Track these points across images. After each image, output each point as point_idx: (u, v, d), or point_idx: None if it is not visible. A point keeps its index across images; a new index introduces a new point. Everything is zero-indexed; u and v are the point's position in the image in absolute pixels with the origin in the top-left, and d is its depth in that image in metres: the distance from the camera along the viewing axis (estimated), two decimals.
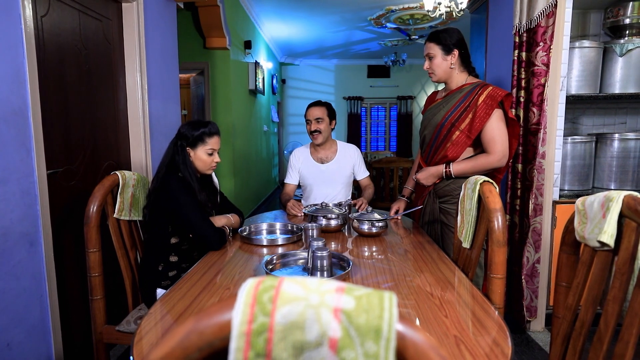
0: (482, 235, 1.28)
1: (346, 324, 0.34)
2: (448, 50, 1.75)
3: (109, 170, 2.08)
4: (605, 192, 0.93)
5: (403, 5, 5.16)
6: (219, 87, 4.36)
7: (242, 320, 0.35)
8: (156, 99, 2.43)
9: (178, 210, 1.45)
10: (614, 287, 0.90)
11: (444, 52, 1.76)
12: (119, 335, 1.47)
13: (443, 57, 1.76)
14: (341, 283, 0.37)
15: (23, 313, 1.44)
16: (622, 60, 2.26)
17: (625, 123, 2.58)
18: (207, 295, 1.05)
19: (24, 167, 1.45)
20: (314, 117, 2.20)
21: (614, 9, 2.30)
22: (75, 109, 1.84)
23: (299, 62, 8.81)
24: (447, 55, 1.76)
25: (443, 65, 1.77)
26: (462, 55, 1.77)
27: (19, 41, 1.43)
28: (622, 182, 2.29)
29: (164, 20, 2.55)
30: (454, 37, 1.75)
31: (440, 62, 1.77)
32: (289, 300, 0.35)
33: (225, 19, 4.05)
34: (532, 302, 2.16)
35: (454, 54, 1.75)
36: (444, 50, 1.75)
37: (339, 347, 0.34)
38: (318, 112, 2.21)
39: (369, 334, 0.34)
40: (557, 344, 1.06)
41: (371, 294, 0.36)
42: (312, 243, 1.23)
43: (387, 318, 0.34)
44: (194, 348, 0.36)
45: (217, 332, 0.36)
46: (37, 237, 1.51)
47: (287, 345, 0.35)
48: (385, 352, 0.34)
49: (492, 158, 1.69)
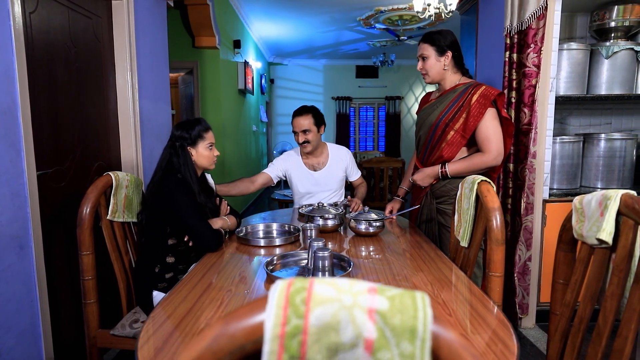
0: (480, 234, 1.30)
1: (381, 324, 0.34)
2: (442, 52, 1.76)
3: (100, 171, 2.04)
4: (602, 190, 0.95)
5: (392, 6, 5.20)
6: (208, 86, 4.31)
7: (275, 322, 0.34)
8: (147, 99, 2.39)
9: (176, 212, 1.43)
10: (612, 284, 0.92)
11: (437, 53, 1.77)
12: (113, 340, 1.44)
13: (436, 58, 1.78)
14: (372, 284, 0.37)
15: (13, 318, 1.40)
16: (608, 62, 2.32)
17: (611, 123, 2.65)
18: (209, 298, 1.04)
19: (14, 168, 1.40)
20: (301, 129, 2.10)
21: (600, 12, 2.36)
22: (65, 109, 1.80)
23: (288, 62, 8.79)
24: (441, 56, 1.77)
25: (436, 66, 1.78)
26: (456, 57, 1.78)
27: (7, 38, 1.38)
28: (608, 181, 2.35)
29: (154, 18, 2.51)
30: (448, 38, 1.77)
31: (434, 63, 1.78)
32: (322, 302, 0.35)
33: (215, 17, 4.01)
34: (523, 299, 2.20)
35: (447, 56, 1.76)
36: (438, 51, 1.77)
37: (375, 348, 0.34)
38: (304, 122, 2.09)
39: (405, 335, 0.34)
40: (556, 340, 1.08)
41: (403, 294, 0.36)
42: (313, 243, 1.22)
43: (422, 318, 0.34)
44: (224, 352, 0.36)
45: (249, 335, 0.35)
46: (27, 240, 1.47)
47: (321, 348, 0.34)
48: (421, 353, 0.34)
49: (487, 157, 1.70)
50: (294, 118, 2.15)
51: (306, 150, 2.16)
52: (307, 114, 2.11)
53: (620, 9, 2.28)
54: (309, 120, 2.10)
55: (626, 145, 2.31)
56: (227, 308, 0.98)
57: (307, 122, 2.10)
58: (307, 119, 2.10)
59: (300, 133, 2.11)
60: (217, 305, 1.00)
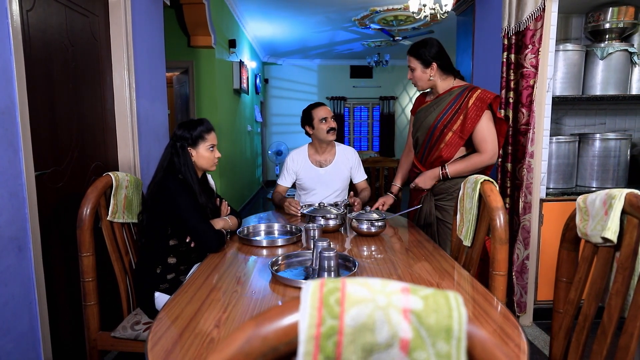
0: (483, 233, 1.31)
1: (416, 324, 0.34)
2: (427, 64, 1.84)
3: (97, 171, 2.01)
4: (606, 190, 0.96)
5: (388, 6, 5.22)
6: (204, 86, 4.29)
7: (310, 323, 0.34)
8: (144, 98, 2.37)
9: (177, 212, 1.42)
10: (616, 282, 0.93)
11: (423, 65, 1.85)
12: (114, 342, 1.43)
13: (422, 70, 1.85)
14: (403, 283, 0.37)
15: (11, 321, 1.38)
16: (603, 63, 2.35)
17: (605, 123, 2.69)
18: (215, 299, 1.03)
19: (12, 169, 1.38)
20: (330, 115, 2.23)
21: (594, 13, 2.39)
22: (63, 108, 1.77)
23: (282, 62, 8.77)
24: (426, 68, 1.85)
25: (423, 77, 1.87)
26: (442, 65, 1.85)
27: (5, 36, 1.36)
28: (603, 180, 2.38)
29: (150, 17, 2.49)
30: (432, 50, 1.83)
31: (421, 74, 1.86)
32: (356, 302, 0.35)
33: (211, 16, 3.99)
34: (521, 297, 2.22)
35: (433, 67, 1.84)
36: (423, 64, 1.84)
37: (411, 348, 0.34)
38: (329, 110, 2.26)
39: (440, 334, 0.34)
40: (560, 337, 1.09)
41: (436, 293, 0.36)
42: (318, 244, 1.22)
43: (457, 317, 0.34)
44: (257, 354, 0.35)
45: (282, 336, 0.35)
46: (25, 242, 1.44)
47: (356, 348, 0.34)
48: (457, 352, 0.34)
49: (484, 157, 1.79)
50: (319, 106, 2.26)
51: (333, 138, 2.24)
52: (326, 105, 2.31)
53: (614, 10, 2.31)
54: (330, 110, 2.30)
55: (620, 145, 2.34)
56: (234, 309, 0.97)
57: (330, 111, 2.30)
58: (329, 109, 2.29)
59: (330, 119, 2.21)
60: (224, 306, 0.99)
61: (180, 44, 4.14)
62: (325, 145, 2.28)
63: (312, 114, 2.23)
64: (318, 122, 2.21)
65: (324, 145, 2.27)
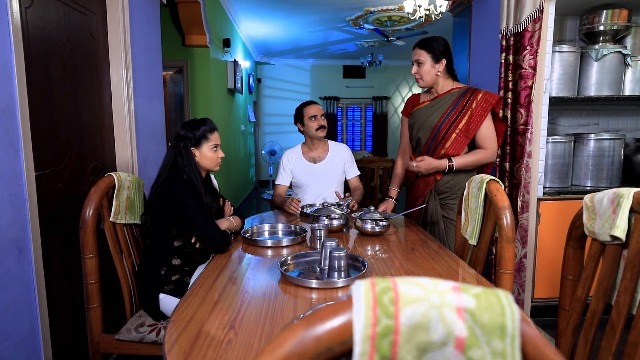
0: (489, 232, 1.32)
1: (471, 322, 0.34)
2: (437, 59, 1.85)
3: (95, 171, 1.98)
4: (613, 189, 0.98)
5: (382, 7, 5.24)
6: (198, 85, 4.25)
7: (365, 323, 0.34)
8: (141, 97, 2.34)
9: (183, 213, 1.40)
10: (624, 279, 0.95)
11: (433, 60, 1.85)
12: (117, 344, 1.41)
13: (432, 64, 1.85)
14: (454, 282, 0.37)
15: (12, 325, 1.35)
16: (597, 64, 2.40)
17: (598, 124, 2.74)
18: (228, 300, 1.03)
19: (12, 169, 1.35)
20: (320, 113, 2.29)
21: (589, 16, 2.43)
22: (61, 107, 1.74)
23: (275, 62, 8.74)
24: (436, 63, 1.85)
25: (432, 72, 1.86)
26: (448, 64, 1.87)
27: (5, 34, 1.33)
28: (597, 180, 2.43)
29: (147, 15, 2.46)
30: (443, 46, 1.85)
31: (429, 69, 1.86)
32: (410, 302, 0.35)
33: (206, 15, 3.96)
34: (519, 295, 2.25)
35: (442, 63, 1.85)
36: (434, 58, 1.85)
37: (466, 346, 0.34)
38: (320, 109, 2.32)
39: (495, 332, 0.34)
40: (567, 335, 1.11)
41: (487, 292, 0.36)
42: (326, 244, 1.22)
43: (510, 315, 0.35)
44: (310, 354, 0.35)
45: (335, 336, 0.35)
46: (26, 244, 1.41)
47: (411, 347, 0.34)
48: (512, 349, 0.34)
49: (488, 153, 1.85)
50: (310, 105, 2.32)
51: (323, 135, 2.30)
52: (317, 104, 2.37)
53: (609, 13, 2.36)
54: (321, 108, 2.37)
55: (614, 145, 2.39)
56: (248, 310, 0.97)
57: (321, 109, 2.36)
58: (319, 107, 2.36)
59: (320, 117, 2.28)
60: (237, 307, 0.98)
61: (174, 43, 4.10)
62: (317, 142, 2.34)
63: (303, 111, 2.31)
64: (308, 120, 2.28)
65: (315, 142, 2.33)
